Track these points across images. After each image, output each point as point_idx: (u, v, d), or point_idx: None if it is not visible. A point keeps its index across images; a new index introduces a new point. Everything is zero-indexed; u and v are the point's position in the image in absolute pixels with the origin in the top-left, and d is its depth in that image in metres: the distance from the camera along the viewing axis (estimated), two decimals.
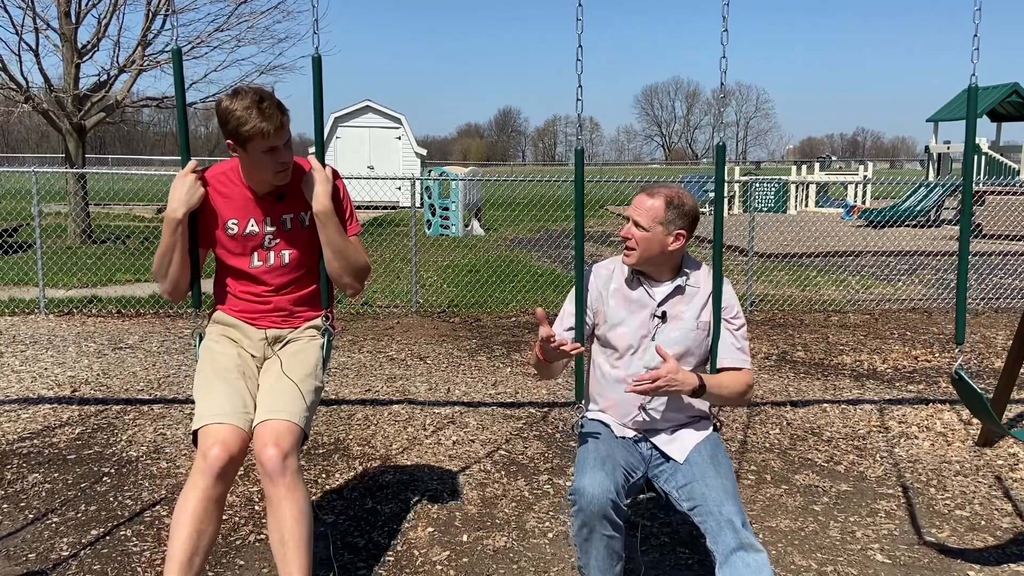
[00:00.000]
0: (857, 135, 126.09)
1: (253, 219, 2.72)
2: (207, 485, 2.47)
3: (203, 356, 2.77)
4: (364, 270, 2.81)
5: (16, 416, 4.85)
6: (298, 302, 2.84)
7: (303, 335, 2.85)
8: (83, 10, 13.03)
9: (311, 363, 2.78)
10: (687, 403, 2.65)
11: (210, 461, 2.46)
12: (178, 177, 2.65)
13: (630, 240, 2.60)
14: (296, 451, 2.57)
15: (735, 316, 2.66)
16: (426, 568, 3.12)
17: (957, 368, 2.84)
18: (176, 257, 2.66)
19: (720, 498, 2.38)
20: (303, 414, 2.64)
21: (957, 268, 2.82)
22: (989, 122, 23.44)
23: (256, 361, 2.81)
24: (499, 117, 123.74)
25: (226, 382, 2.65)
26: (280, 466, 2.51)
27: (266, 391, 2.69)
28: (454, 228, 16.36)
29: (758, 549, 2.30)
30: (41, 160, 31.36)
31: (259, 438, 2.56)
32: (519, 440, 4.53)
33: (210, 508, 2.48)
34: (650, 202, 2.58)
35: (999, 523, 3.55)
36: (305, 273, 2.82)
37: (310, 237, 2.77)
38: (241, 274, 2.78)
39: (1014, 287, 9.77)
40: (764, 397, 5.41)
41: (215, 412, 2.56)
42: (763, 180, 18.81)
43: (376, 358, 6.40)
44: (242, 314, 2.82)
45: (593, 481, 2.37)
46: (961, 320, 2.86)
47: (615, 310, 2.66)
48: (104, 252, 11.66)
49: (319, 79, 2.73)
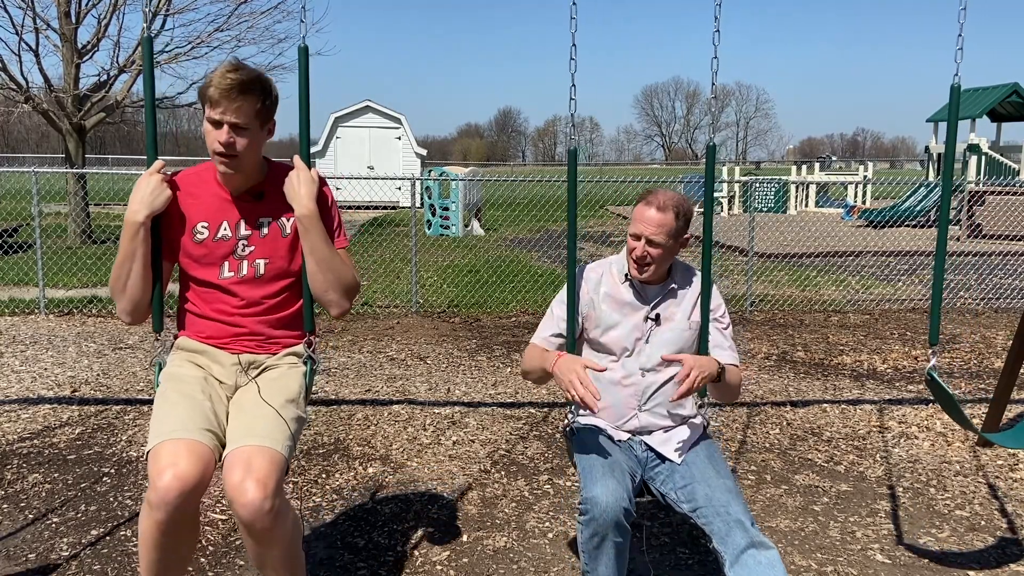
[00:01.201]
0: (857, 135, 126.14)
1: (226, 222, 2.41)
2: (160, 519, 2.12)
3: (163, 381, 2.40)
4: (352, 287, 2.47)
5: (16, 416, 4.85)
6: (276, 324, 2.48)
7: (282, 362, 2.49)
8: (83, 10, 13.04)
9: (293, 390, 2.41)
10: (680, 404, 2.67)
11: (160, 492, 2.09)
12: (142, 177, 2.37)
13: (647, 258, 2.57)
14: (280, 489, 2.18)
15: (722, 315, 2.71)
16: (426, 568, 3.12)
17: (930, 369, 2.84)
18: (136, 268, 2.33)
19: (725, 498, 2.37)
20: (286, 443, 2.25)
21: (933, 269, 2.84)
22: (989, 122, 23.42)
23: (226, 389, 2.42)
24: (499, 117, 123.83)
25: (188, 398, 2.30)
26: (263, 515, 2.12)
27: (239, 418, 2.31)
28: (454, 228, 16.36)
29: (769, 546, 2.30)
30: (41, 160, 31.37)
31: (231, 469, 2.13)
32: (519, 440, 4.53)
33: (174, 535, 2.19)
34: (661, 216, 2.54)
35: (999, 523, 3.55)
36: (282, 288, 2.47)
37: (290, 247, 2.45)
38: (209, 288, 2.43)
39: (1014, 287, 9.77)
40: (764, 397, 5.41)
41: (169, 428, 2.19)
42: (763, 180, 18.82)
43: (376, 358, 6.41)
44: (210, 339, 2.45)
45: (606, 490, 2.34)
46: (935, 321, 2.88)
47: (607, 313, 2.66)
48: (104, 252, 11.65)
49: (306, 71, 2.47)
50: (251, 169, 2.40)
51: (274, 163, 2.52)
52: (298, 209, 2.38)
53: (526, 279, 9.97)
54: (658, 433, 2.66)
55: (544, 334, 2.73)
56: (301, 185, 2.39)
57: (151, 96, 2.51)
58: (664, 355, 2.56)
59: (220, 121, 2.27)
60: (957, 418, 2.99)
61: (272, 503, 2.13)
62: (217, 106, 2.25)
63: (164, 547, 2.20)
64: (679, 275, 2.71)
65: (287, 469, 2.28)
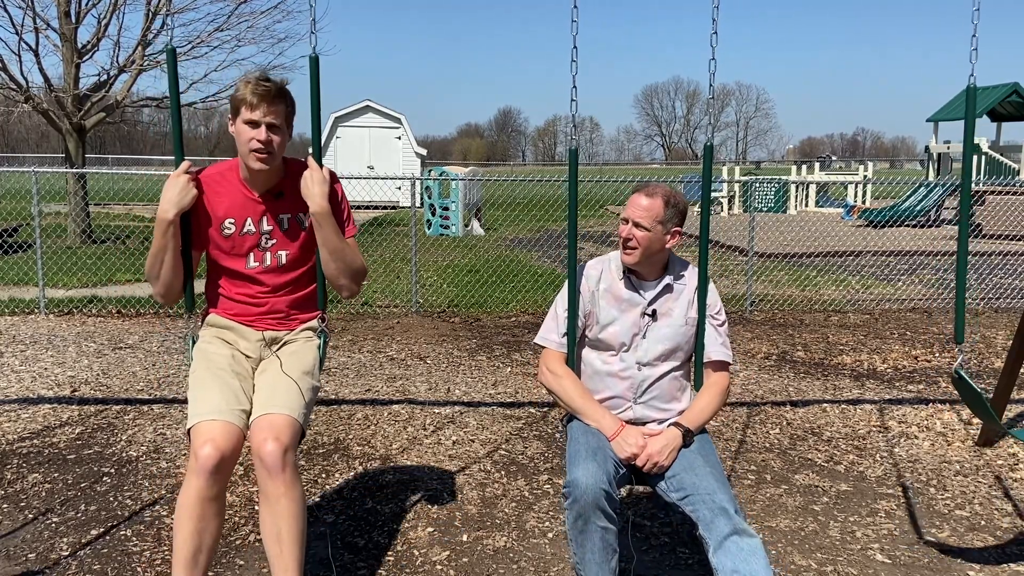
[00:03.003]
0: (857, 135, 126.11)
1: (250, 218, 2.69)
2: (201, 485, 2.45)
3: (196, 357, 2.73)
4: (361, 272, 2.79)
5: (16, 416, 4.85)
6: (294, 304, 2.81)
7: (299, 336, 2.82)
8: (83, 10, 13.03)
9: (308, 363, 2.75)
10: (675, 398, 2.75)
11: (202, 460, 2.44)
12: (171, 178, 2.63)
13: (631, 240, 2.65)
14: (295, 447, 2.54)
15: (718, 312, 2.77)
16: (426, 568, 3.12)
17: (957, 367, 2.86)
18: (168, 259, 2.63)
19: (712, 486, 2.43)
20: (302, 410, 2.61)
21: (956, 268, 2.85)
22: (989, 122, 23.45)
23: (251, 362, 2.76)
24: (499, 117, 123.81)
25: (219, 379, 2.62)
26: (280, 461, 2.47)
27: (264, 388, 2.65)
28: (454, 228, 16.36)
29: (751, 534, 2.36)
30: (41, 160, 31.37)
31: (257, 432, 2.52)
32: (519, 440, 4.53)
33: (207, 506, 2.47)
34: (649, 201, 2.64)
35: (999, 523, 3.55)
36: (302, 274, 2.80)
37: (307, 238, 2.75)
38: (236, 275, 2.75)
39: (1014, 287, 9.77)
40: (764, 397, 5.41)
41: (207, 410, 2.53)
42: (763, 180, 18.83)
43: (376, 358, 6.40)
44: (237, 316, 2.78)
45: (586, 472, 2.41)
46: (960, 319, 2.89)
47: (606, 310, 2.73)
48: (104, 252, 11.66)
49: (316, 79, 2.70)
50: (276, 167, 2.68)
51: (290, 161, 2.77)
52: (312, 207, 2.64)
53: (526, 279, 9.98)
54: (652, 425, 2.71)
55: (554, 337, 2.80)
56: (315, 185, 2.65)
57: (176, 102, 2.77)
58: (653, 457, 2.56)
59: (258, 122, 2.56)
60: (983, 415, 3.04)
61: (288, 456, 2.48)
62: (256, 108, 2.55)
63: (200, 519, 2.46)
64: (677, 272, 2.77)
65: (303, 432, 2.62)
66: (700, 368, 2.78)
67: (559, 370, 2.77)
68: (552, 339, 2.79)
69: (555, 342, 2.79)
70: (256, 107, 2.54)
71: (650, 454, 2.54)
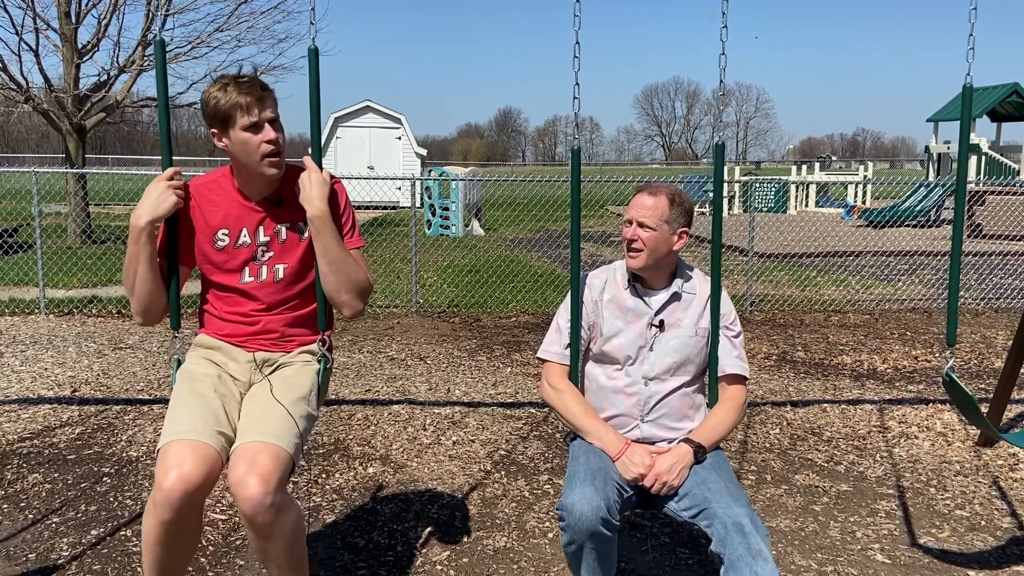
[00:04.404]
0: (857, 135, 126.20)
1: (245, 229, 2.44)
2: (165, 518, 2.15)
3: (179, 379, 2.45)
4: (364, 288, 2.47)
5: (16, 416, 4.85)
6: (292, 323, 2.52)
7: (295, 360, 2.52)
8: (83, 10, 13.04)
9: (304, 387, 2.44)
10: (687, 416, 2.58)
11: (164, 492, 2.13)
12: (153, 182, 2.39)
13: (636, 242, 2.49)
14: (283, 485, 2.20)
15: (733, 323, 2.61)
16: (426, 568, 3.12)
17: (948, 370, 2.81)
18: (141, 270, 2.37)
19: (726, 500, 2.27)
20: (293, 440, 2.27)
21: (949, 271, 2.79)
22: (989, 122, 23.46)
23: (240, 386, 2.46)
24: (499, 117, 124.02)
25: (200, 398, 2.34)
26: (259, 506, 2.13)
27: (251, 414, 2.35)
28: (454, 228, 16.36)
29: (766, 558, 2.16)
30: (41, 160, 31.38)
31: (236, 463, 2.17)
32: (519, 440, 4.53)
33: (175, 532, 2.20)
34: (653, 200, 2.50)
35: (999, 523, 3.55)
36: (301, 291, 2.51)
37: (308, 251, 2.47)
38: (229, 291, 2.48)
39: (1014, 287, 9.77)
40: (764, 397, 5.41)
41: (180, 429, 2.23)
42: (763, 180, 18.81)
43: (376, 358, 6.41)
44: (227, 337, 2.50)
45: (583, 497, 2.24)
46: (952, 321, 2.82)
47: (610, 320, 2.57)
48: (104, 252, 11.65)
49: (316, 73, 2.50)
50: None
51: (289, 166, 2.51)
52: (310, 210, 2.39)
53: (526, 279, 9.98)
54: (661, 445, 2.53)
55: (556, 349, 2.63)
56: (313, 187, 2.40)
57: (164, 102, 2.55)
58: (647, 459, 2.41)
59: (259, 122, 2.32)
60: (975, 419, 2.97)
61: (273, 498, 2.15)
62: (251, 110, 2.31)
63: (167, 544, 2.22)
64: (685, 279, 2.59)
65: (294, 466, 2.29)
66: (715, 383, 2.60)
67: (560, 384, 2.59)
68: (554, 351, 2.62)
69: (557, 354, 2.62)
70: (252, 107, 2.30)
71: (658, 473, 2.35)
